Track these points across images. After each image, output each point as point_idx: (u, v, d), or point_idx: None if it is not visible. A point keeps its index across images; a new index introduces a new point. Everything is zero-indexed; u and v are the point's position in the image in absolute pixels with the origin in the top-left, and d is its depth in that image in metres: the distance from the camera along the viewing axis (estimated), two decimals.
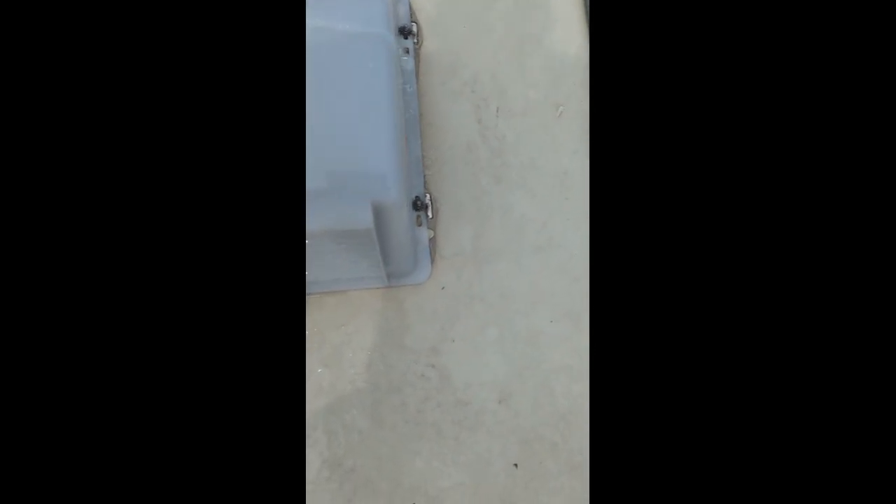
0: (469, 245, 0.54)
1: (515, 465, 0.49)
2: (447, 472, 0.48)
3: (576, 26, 0.59)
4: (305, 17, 0.37)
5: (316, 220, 0.37)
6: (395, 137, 0.39)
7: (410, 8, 0.56)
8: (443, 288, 0.52)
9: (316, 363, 0.49)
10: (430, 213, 0.52)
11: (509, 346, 0.52)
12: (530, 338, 0.52)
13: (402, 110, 0.43)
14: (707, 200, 0.24)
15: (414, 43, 0.54)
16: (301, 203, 0.24)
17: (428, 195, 0.52)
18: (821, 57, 0.23)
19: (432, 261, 0.52)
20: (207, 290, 0.22)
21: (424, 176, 0.53)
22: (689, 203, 0.24)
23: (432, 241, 0.53)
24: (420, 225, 0.51)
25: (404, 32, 0.53)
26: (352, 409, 0.49)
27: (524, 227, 0.54)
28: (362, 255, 0.41)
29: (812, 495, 0.22)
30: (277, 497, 0.22)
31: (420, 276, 0.51)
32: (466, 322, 0.52)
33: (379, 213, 0.38)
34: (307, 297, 0.50)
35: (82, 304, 0.21)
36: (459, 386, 0.50)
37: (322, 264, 0.44)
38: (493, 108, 0.56)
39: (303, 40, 0.23)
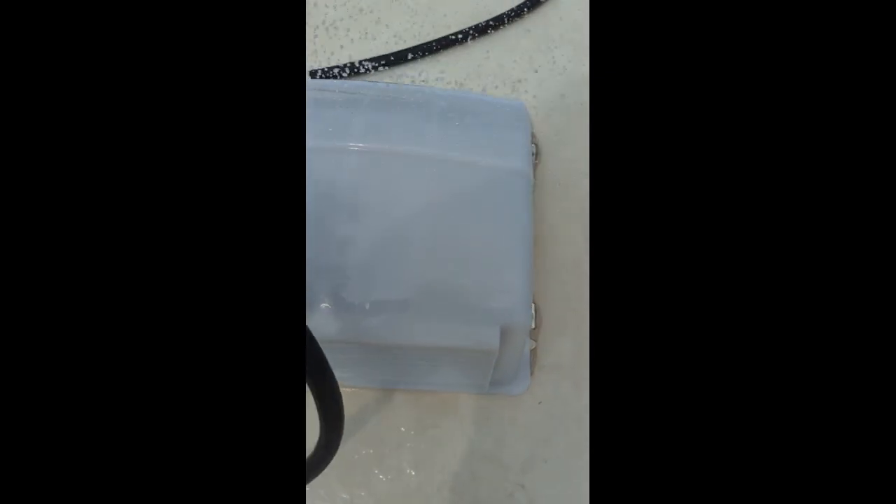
0: (569, 360, 0.52)
1: None
2: None
3: None
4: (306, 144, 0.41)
5: (442, 336, 0.39)
6: (529, 269, 0.41)
7: (532, 131, 0.60)
8: (539, 403, 0.51)
9: (407, 464, 0.48)
10: (533, 323, 0.52)
11: None
12: None
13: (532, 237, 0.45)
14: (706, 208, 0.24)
15: (533, 161, 0.58)
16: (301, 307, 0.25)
17: (533, 304, 0.52)
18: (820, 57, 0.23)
19: (531, 372, 0.51)
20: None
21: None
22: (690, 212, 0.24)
23: (533, 351, 0.52)
24: None
25: None
26: None
27: None
28: (473, 368, 0.42)
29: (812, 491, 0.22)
30: None
31: (518, 387, 0.50)
32: (561, 442, 0.49)
33: (504, 336, 0.39)
34: (402, 392, 0.50)
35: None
36: None
37: (428, 369, 0.45)
38: None
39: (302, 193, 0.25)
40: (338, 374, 0.35)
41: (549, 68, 0.67)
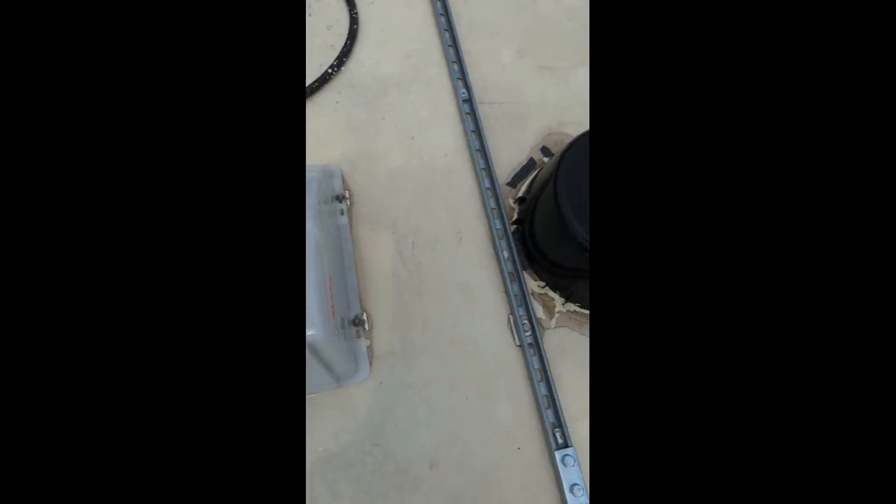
0: (399, 346, 0.71)
1: None
2: None
3: (468, 174, 0.81)
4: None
5: None
6: (321, 292, 0.55)
7: (343, 180, 0.77)
8: (381, 382, 0.69)
9: None
10: (367, 326, 0.69)
11: (435, 422, 0.67)
12: (451, 413, 0.68)
13: (332, 264, 0.61)
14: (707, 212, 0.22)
15: (347, 205, 0.75)
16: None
17: (364, 313, 0.70)
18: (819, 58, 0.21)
19: (370, 363, 0.69)
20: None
21: (360, 299, 0.72)
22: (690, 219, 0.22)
23: (369, 347, 0.70)
24: (359, 337, 0.69)
25: (339, 198, 0.74)
26: (318, 485, 0.63)
27: (440, 329, 0.72)
28: (311, 372, 0.58)
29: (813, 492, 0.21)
30: None
31: (361, 375, 0.68)
32: (402, 406, 0.68)
33: (314, 348, 0.53)
34: None
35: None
36: (400, 458, 0.65)
37: None
38: (409, 242, 0.76)
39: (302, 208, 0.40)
40: None
41: (353, 126, 0.84)
